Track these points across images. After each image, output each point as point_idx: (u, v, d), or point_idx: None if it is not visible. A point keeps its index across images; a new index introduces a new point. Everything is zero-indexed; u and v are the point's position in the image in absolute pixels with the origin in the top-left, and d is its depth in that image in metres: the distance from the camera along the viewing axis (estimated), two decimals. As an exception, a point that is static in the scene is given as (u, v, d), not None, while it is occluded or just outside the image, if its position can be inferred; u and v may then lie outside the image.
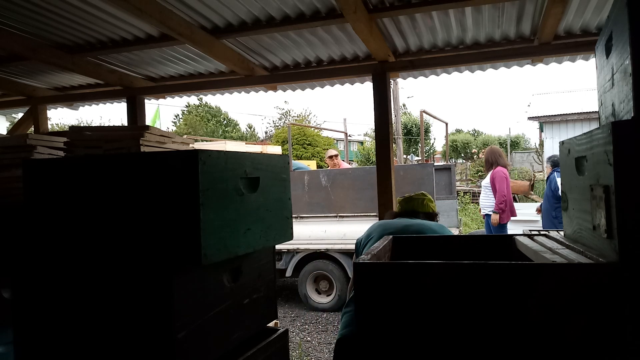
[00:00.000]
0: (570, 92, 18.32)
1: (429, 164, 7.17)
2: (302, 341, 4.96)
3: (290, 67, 3.79)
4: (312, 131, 22.24)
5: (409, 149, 25.74)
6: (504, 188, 5.99)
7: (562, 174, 1.17)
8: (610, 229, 0.80)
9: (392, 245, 1.22)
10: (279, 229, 1.48)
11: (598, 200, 0.85)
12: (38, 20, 2.82)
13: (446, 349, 0.83)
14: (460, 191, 13.92)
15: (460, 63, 3.49)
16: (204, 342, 1.22)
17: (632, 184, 0.76)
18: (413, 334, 0.84)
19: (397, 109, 18.11)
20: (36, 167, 1.31)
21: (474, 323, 0.81)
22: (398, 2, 2.68)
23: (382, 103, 3.52)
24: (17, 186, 1.71)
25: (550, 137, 15.58)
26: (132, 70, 3.89)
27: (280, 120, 31.77)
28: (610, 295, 0.77)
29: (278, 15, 2.83)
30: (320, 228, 6.10)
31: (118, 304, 1.19)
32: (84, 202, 1.25)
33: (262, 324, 1.51)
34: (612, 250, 0.79)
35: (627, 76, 0.89)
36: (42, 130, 4.61)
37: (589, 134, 0.92)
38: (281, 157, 1.50)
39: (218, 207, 1.18)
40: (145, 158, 1.22)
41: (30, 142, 1.87)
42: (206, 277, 1.23)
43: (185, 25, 2.78)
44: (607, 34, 1.06)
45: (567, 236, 1.12)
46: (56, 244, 1.28)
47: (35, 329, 1.29)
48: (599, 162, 0.84)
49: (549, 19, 2.76)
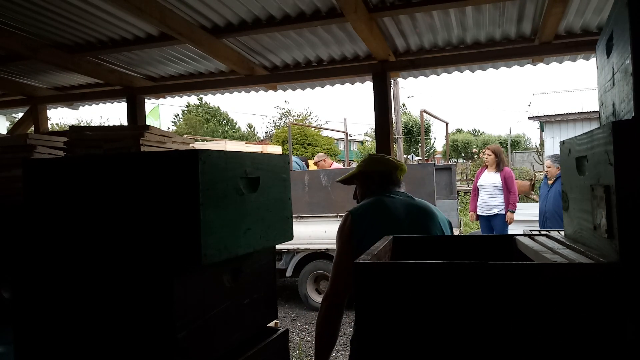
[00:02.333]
0: (571, 91, 18.31)
1: (430, 163, 7.18)
2: (302, 341, 4.95)
3: (291, 67, 3.78)
4: (313, 131, 22.25)
5: (410, 148, 25.74)
6: (516, 187, 5.98)
7: (562, 173, 1.17)
8: (611, 229, 0.80)
9: (392, 245, 1.21)
10: (279, 229, 1.48)
11: (599, 200, 0.84)
12: (38, 20, 2.82)
13: (447, 349, 0.83)
14: (460, 191, 13.91)
15: (461, 63, 3.49)
16: (204, 342, 1.22)
17: (633, 184, 0.76)
18: (413, 334, 0.84)
19: (398, 108, 18.12)
20: (36, 167, 1.31)
21: (474, 323, 0.81)
22: (398, 2, 2.68)
23: (382, 103, 3.51)
24: (17, 186, 1.71)
25: (550, 137, 15.58)
26: (132, 70, 3.89)
27: (280, 120, 31.78)
28: (610, 296, 0.77)
29: (278, 14, 2.82)
30: (320, 228, 6.10)
31: (118, 304, 1.19)
32: (84, 201, 1.24)
33: (262, 324, 1.51)
34: (612, 251, 0.79)
35: (627, 76, 0.89)
36: (42, 130, 4.61)
37: (589, 133, 0.91)
38: (281, 157, 1.50)
39: (218, 207, 1.18)
40: (145, 158, 1.21)
41: (30, 141, 1.87)
42: (206, 277, 1.23)
43: (185, 25, 2.77)
44: (607, 33, 1.06)
45: (568, 236, 1.12)
46: (56, 243, 1.27)
47: (35, 329, 1.29)
48: (599, 162, 0.84)
49: (550, 19, 2.76)
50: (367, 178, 2.12)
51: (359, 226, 1.90)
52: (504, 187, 6.05)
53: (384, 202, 1.98)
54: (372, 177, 2.11)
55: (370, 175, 2.12)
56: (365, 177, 2.13)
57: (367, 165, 2.15)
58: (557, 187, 5.63)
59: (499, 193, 6.09)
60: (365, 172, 2.14)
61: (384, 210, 1.95)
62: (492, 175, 6.20)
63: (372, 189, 2.08)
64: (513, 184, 6.06)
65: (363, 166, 2.16)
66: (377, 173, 2.10)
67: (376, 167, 2.13)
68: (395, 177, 2.11)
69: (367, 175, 2.12)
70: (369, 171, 2.13)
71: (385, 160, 2.17)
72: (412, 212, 1.96)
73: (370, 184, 2.10)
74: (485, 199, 6.23)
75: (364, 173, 2.14)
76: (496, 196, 6.10)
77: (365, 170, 2.14)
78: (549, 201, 5.55)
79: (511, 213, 5.99)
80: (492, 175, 6.18)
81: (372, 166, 2.14)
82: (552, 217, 5.63)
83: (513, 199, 5.98)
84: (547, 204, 5.55)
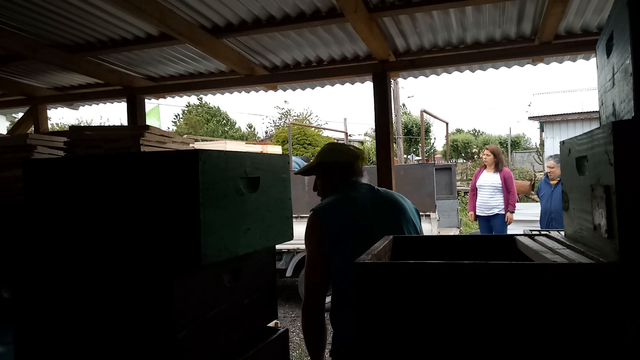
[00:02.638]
0: (571, 91, 18.32)
1: (430, 163, 7.18)
2: (302, 341, 4.96)
3: (291, 67, 3.78)
4: (313, 131, 22.24)
5: (410, 148, 25.73)
6: (515, 188, 5.99)
7: (562, 173, 1.17)
8: (611, 229, 0.80)
9: (392, 245, 1.21)
10: (279, 229, 1.48)
11: (599, 200, 0.84)
12: (38, 20, 2.82)
13: (447, 349, 0.83)
14: (460, 191, 13.91)
15: (461, 63, 3.49)
16: (204, 342, 1.22)
17: (633, 184, 0.76)
18: (414, 334, 0.84)
19: (398, 108, 18.12)
20: (36, 167, 1.31)
21: (474, 323, 0.81)
22: (398, 2, 2.68)
23: (382, 103, 3.51)
24: (17, 186, 1.71)
25: (550, 137, 15.58)
26: (132, 70, 3.89)
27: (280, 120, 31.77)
28: (611, 296, 0.77)
29: (278, 14, 2.82)
30: (320, 228, 6.10)
31: (118, 304, 1.19)
32: (84, 201, 1.24)
33: (262, 324, 1.51)
34: (612, 250, 0.79)
35: (627, 76, 0.89)
36: (42, 130, 4.61)
37: (589, 133, 0.91)
38: (281, 157, 1.50)
39: (218, 207, 1.18)
40: (145, 158, 1.22)
41: (31, 141, 1.87)
42: (206, 277, 1.23)
43: (185, 25, 2.77)
44: (607, 33, 1.06)
45: (568, 236, 1.12)
46: (56, 243, 1.27)
47: (35, 329, 1.29)
48: (599, 162, 0.84)
49: (550, 19, 2.76)
50: (328, 169, 2.03)
51: (330, 226, 1.81)
52: (503, 187, 6.06)
53: (350, 197, 1.89)
54: (332, 168, 2.02)
55: (331, 166, 2.02)
56: (325, 168, 2.04)
57: (327, 156, 2.06)
58: (561, 187, 5.60)
59: (498, 193, 6.09)
60: (324, 164, 2.04)
61: (351, 207, 1.85)
62: (491, 175, 6.20)
63: (333, 181, 2.01)
64: (512, 184, 6.07)
65: (322, 157, 2.07)
66: (337, 164, 2.02)
67: (336, 158, 2.03)
68: (357, 168, 2.03)
69: (327, 166, 2.03)
70: (329, 162, 2.03)
71: (345, 150, 2.09)
72: (381, 207, 1.89)
73: (331, 175, 2.02)
74: (484, 199, 6.22)
75: (324, 164, 2.04)
76: (495, 196, 6.10)
77: (324, 161, 2.05)
78: (555, 201, 5.51)
79: (511, 213, 6.00)
80: (492, 176, 6.18)
81: (332, 157, 2.04)
82: (558, 217, 5.60)
83: (512, 200, 6.00)
84: (552, 204, 5.51)
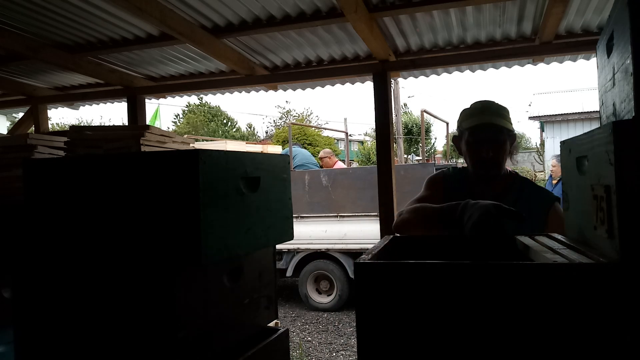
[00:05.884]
0: (571, 91, 18.32)
1: (430, 163, 7.18)
2: (302, 341, 4.96)
3: (291, 67, 3.78)
4: (313, 131, 22.26)
5: (410, 148, 25.71)
6: None
7: (563, 173, 1.17)
8: (611, 229, 0.80)
9: (393, 244, 1.21)
10: (280, 229, 1.48)
11: (599, 200, 0.84)
12: (38, 20, 2.82)
13: (447, 349, 0.83)
14: (460, 191, 13.85)
15: (461, 62, 3.49)
16: (204, 342, 1.22)
17: (633, 184, 0.76)
18: (414, 334, 0.84)
19: (398, 108, 18.11)
20: (36, 167, 1.31)
21: (474, 323, 0.81)
22: (399, 2, 2.68)
23: (382, 102, 3.51)
24: (17, 186, 1.71)
25: (551, 137, 15.58)
26: (132, 70, 3.89)
27: (280, 119, 31.79)
28: (611, 296, 0.77)
29: (278, 14, 2.83)
30: (320, 228, 6.10)
31: (118, 304, 1.19)
32: (84, 201, 1.24)
33: (262, 324, 1.51)
34: (613, 250, 0.79)
35: (628, 76, 0.89)
36: (42, 130, 4.62)
37: (589, 133, 0.91)
38: (281, 157, 1.50)
39: (218, 207, 1.18)
40: (146, 158, 1.21)
41: (31, 141, 1.87)
42: (206, 277, 1.23)
43: (185, 25, 2.78)
44: (608, 33, 1.06)
45: (568, 236, 1.12)
46: (56, 243, 1.27)
47: (35, 329, 1.29)
48: (599, 162, 0.84)
49: (550, 19, 2.76)
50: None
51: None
52: None
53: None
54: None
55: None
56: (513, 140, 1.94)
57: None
58: (561, 187, 5.65)
59: None
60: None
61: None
62: None
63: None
64: None
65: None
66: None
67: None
68: None
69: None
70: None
71: None
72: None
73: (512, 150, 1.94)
74: None
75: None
76: None
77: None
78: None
79: None
80: None
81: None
82: None
83: None
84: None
